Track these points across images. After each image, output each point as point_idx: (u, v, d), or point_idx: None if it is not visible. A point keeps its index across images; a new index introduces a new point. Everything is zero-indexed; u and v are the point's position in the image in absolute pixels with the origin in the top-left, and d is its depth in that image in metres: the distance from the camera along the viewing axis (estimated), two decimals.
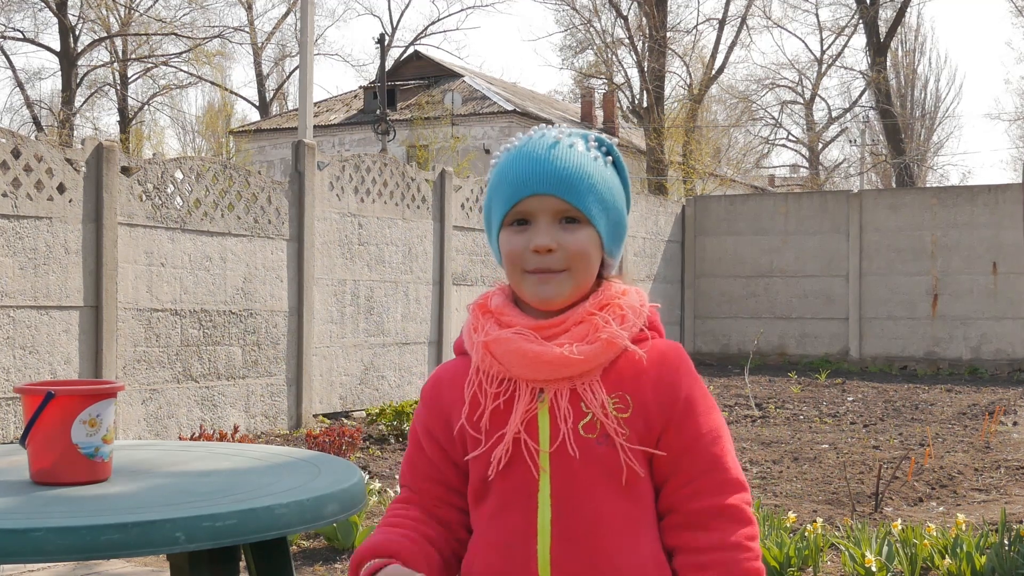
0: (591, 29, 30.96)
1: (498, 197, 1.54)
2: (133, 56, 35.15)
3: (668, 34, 27.84)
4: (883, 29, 30.67)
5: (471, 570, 1.55)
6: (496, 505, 1.52)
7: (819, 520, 4.62)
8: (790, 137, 39.10)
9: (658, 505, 1.54)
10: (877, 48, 30.17)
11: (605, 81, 32.68)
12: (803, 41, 76.65)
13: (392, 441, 8.21)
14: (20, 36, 34.34)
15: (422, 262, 10.75)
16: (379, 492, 5.61)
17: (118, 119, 36.13)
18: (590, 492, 1.49)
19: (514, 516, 1.51)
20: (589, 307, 1.52)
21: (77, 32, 33.38)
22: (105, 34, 34.06)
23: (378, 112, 27.00)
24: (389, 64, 31.65)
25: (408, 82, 35.11)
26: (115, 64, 35.57)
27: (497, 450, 1.50)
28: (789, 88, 37.21)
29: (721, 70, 30.23)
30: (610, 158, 1.56)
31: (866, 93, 34.92)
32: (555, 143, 1.53)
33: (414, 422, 1.66)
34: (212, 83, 38.04)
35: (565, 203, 1.50)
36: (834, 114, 38.33)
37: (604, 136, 1.58)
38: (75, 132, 32.18)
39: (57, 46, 33.15)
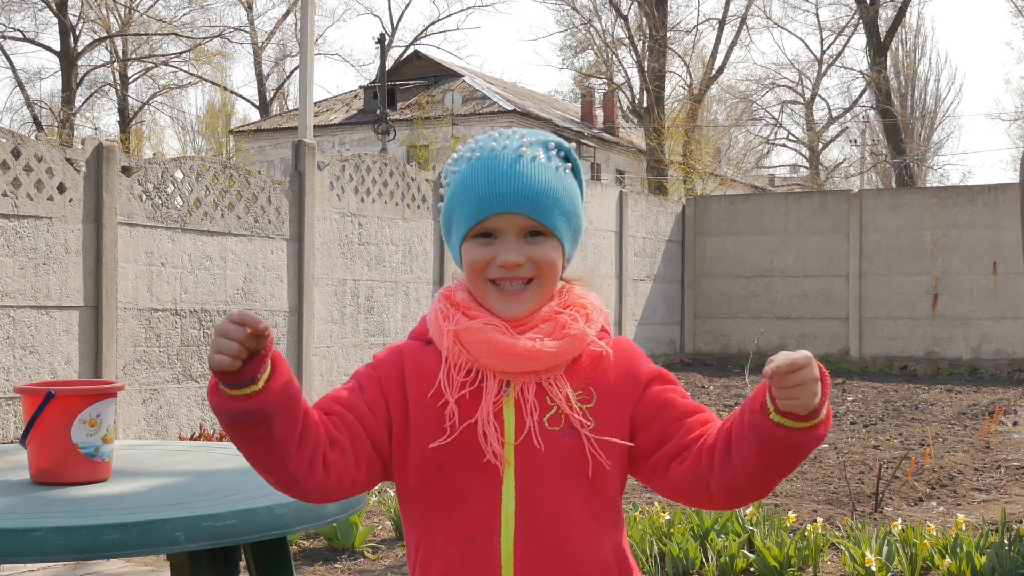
0: (591, 29, 30.98)
1: (461, 209, 1.53)
2: (133, 56, 35.15)
3: (668, 34, 27.84)
4: (883, 29, 30.66)
5: (430, 565, 1.52)
6: (457, 498, 1.51)
7: (819, 520, 4.62)
8: (790, 137, 39.12)
9: (655, 461, 1.54)
10: (877, 48, 30.16)
11: (605, 81, 32.69)
12: (803, 41, 76.77)
13: None
14: (20, 36, 34.37)
15: (422, 262, 10.75)
16: (379, 492, 5.61)
17: (118, 119, 36.14)
18: (554, 486, 1.50)
19: (477, 510, 1.50)
20: (555, 306, 1.54)
21: (77, 32, 33.38)
22: (105, 34, 34.06)
23: (378, 112, 27.00)
24: (389, 64, 31.64)
25: (408, 82, 35.12)
26: (115, 64, 35.57)
27: (486, 431, 1.49)
28: (789, 88, 37.21)
29: (721, 70, 30.23)
30: (568, 164, 1.57)
31: (866, 93, 34.93)
32: (518, 156, 1.52)
33: (359, 373, 1.58)
34: (212, 83, 38.04)
35: (532, 220, 1.51)
36: (834, 114, 38.36)
37: (562, 141, 1.58)
38: (75, 132, 32.17)
39: (57, 46, 33.15)
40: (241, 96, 45.80)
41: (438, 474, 1.51)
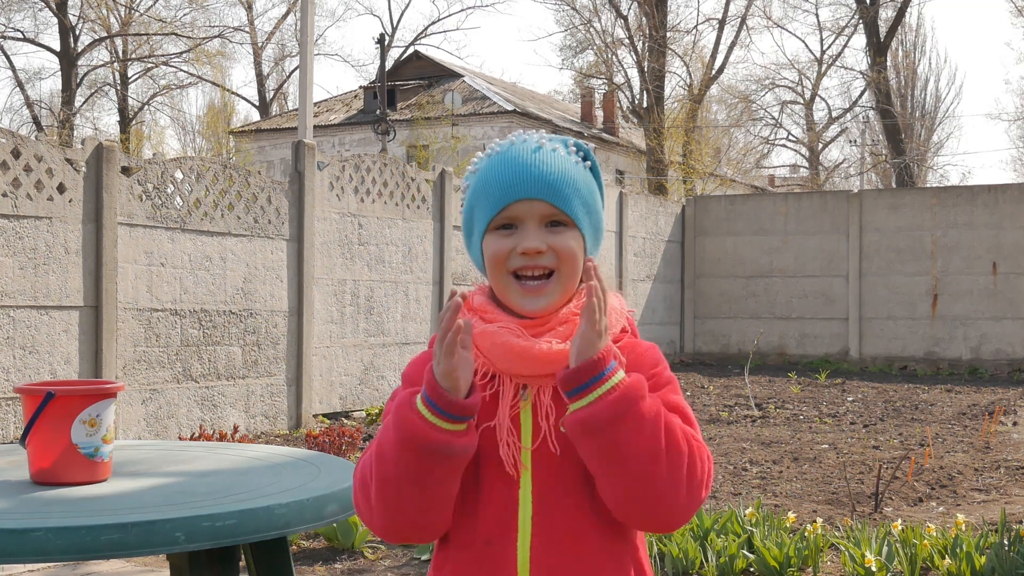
0: (591, 29, 30.97)
1: (483, 202, 1.53)
2: (133, 56, 35.15)
3: (668, 34, 27.84)
4: (883, 29, 30.67)
5: (444, 566, 1.54)
6: (475, 502, 1.52)
7: (819, 520, 4.62)
8: (790, 137, 39.12)
9: None
10: (877, 48, 30.16)
11: (605, 81, 32.68)
12: (803, 41, 76.78)
13: None
14: (20, 36, 34.38)
15: (422, 262, 10.75)
16: None
17: (118, 119, 36.15)
18: (570, 490, 1.50)
19: (494, 513, 1.50)
20: (573, 308, 1.53)
21: (77, 32, 33.39)
22: (105, 34, 34.07)
23: (378, 112, 27.00)
24: (389, 64, 31.65)
25: (408, 82, 35.12)
26: (115, 64, 35.57)
27: (501, 441, 1.49)
28: (789, 88, 37.21)
29: (721, 70, 30.22)
30: (588, 163, 1.58)
31: (866, 93, 34.94)
32: (539, 147, 1.54)
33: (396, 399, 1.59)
34: (212, 83, 38.05)
35: (552, 207, 1.51)
36: (834, 114, 38.35)
37: (581, 141, 1.60)
38: (75, 132, 32.17)
39: (57, 46, 33.15)
40: (241, 96, 45.82)
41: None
